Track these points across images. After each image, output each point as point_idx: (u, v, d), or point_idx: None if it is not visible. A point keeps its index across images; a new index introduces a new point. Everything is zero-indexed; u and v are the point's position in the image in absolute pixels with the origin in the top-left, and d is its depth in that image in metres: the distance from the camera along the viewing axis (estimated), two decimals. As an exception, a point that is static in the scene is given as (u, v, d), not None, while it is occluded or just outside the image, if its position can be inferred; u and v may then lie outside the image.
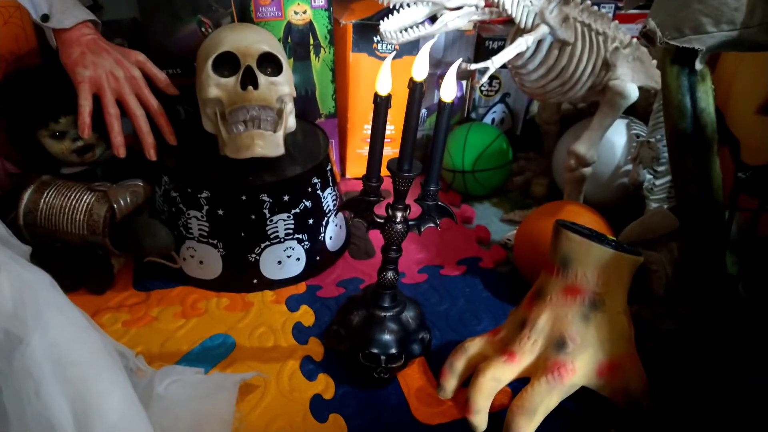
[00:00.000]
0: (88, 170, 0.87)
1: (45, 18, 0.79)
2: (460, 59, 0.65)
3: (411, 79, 0.56)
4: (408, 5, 0.79)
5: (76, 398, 0.45)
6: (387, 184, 0.62)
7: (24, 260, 0.51)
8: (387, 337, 0.68)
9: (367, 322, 0.69)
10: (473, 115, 1.16)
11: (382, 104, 0.58)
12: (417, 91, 0.57)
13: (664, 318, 0.73)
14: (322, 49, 0.99)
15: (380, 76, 0.57)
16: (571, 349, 0.61)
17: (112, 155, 0.83)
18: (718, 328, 0.65)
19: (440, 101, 0.58)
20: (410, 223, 0.65)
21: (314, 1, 0.95)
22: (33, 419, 0.44)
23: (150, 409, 0.57)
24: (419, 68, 0.57)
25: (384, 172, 0.63)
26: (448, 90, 0.57)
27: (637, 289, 0.78)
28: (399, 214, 0.63)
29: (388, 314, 0.68)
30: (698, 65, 0.66)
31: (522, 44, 0.83)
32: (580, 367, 0.61)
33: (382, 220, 0.65)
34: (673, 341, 0.68)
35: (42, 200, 0.80)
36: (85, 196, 0.80)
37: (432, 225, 0.65)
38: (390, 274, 0.67)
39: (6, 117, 0.84)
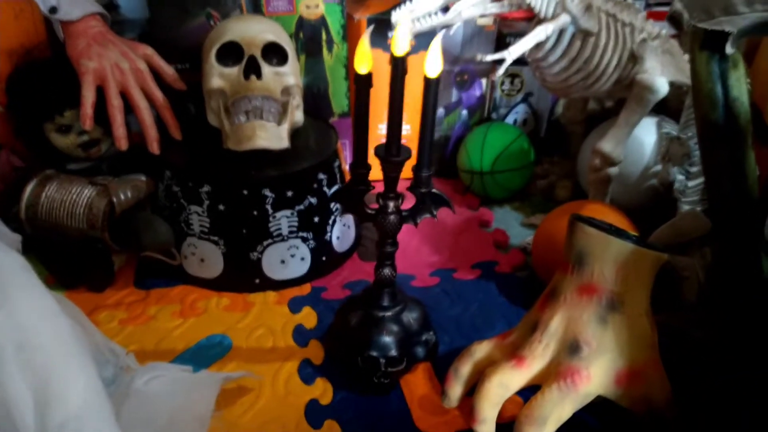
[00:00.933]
0: (94, 166, 0.86)
1: (53, 10, 0.78)
2: (443, 30, 0.60)
3: (392, 55, 0.52)
4: (421, -6, 0.76)
5: (39, 384, 0.42)
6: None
7: (-3, 242, 0.49)
8: (386, 338, 0.63)
9: (365, 323, 0.64)
10: (494, 116, 1.11)
11: (362, 83, 0.54)
12: (399, 67, 0.52)
13: (695, 325, 0.66)
14: (335, 45, 0.96)
15: (360, 53, 0.53)
16: (586, 353, 0.56)
17: (118, 151, 0.81)
18: (753, 335, 0.59)
19: (425, 78, 0.53)
20: (403, 213, 0.61)
21: (327, -5, 0.93)
22: None
23: (126, 402, 0.54)
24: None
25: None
26: (433, 65, 0.53)
27: (668, 297, 0.72)
28: (391, 204, 0.59)
29: (387, 314, 0.64)
30: (729, 50, 0.60)
31: (541, 33, 0.79)
32: (596, 374, 0.56)
33: (373, 212, 0.61)
34: (704, 349, 0.62)
35: (43, 194, 0.78)
36: (86, 190, 0.78)
37: (428, 215, 0.60)
38: (387, 270, 0.62)
39: (14, 111, 0.84)
